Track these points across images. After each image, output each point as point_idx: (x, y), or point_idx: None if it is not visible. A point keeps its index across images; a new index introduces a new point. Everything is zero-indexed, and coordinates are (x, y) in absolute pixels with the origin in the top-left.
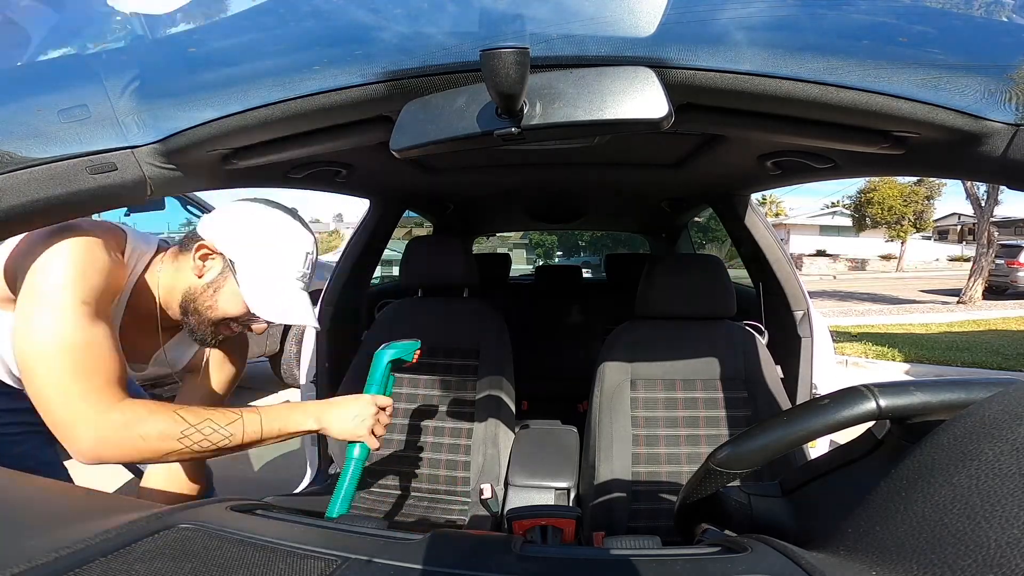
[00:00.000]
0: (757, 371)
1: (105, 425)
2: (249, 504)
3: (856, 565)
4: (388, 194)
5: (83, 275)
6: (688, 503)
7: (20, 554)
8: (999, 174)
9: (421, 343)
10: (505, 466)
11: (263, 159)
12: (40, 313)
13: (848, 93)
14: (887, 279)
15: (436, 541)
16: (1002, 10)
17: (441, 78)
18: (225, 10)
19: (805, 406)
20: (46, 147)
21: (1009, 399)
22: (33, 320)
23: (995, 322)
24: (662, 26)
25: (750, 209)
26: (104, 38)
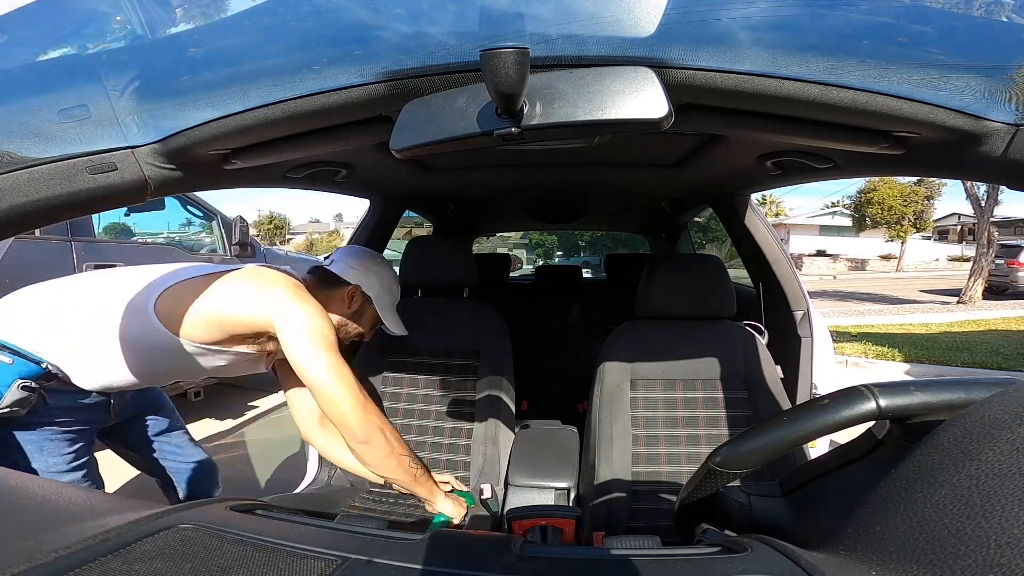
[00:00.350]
0: (757, 371)
1: (385, 424)
2: (249, 504)
3: (856, 565)
4: (388, 194)
5: (329, 328)
6: (688, 503)
7: (20, 554)
8: (999, 174)
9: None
10: (505, 466)
11: (263, 159)
12: (323, 356)
13: (848, 93)
14: (887, 279)
15: (436, 541)
16: (1002, 10)
17: (441, 78)
18: (225, 10)
19: (805, 406)
20: (46, 147)
21: (1009, 399)
22: (320, 360)
23: (995, 322)
24: (662, 26)
25: (750, 209)
26: (104, 38)
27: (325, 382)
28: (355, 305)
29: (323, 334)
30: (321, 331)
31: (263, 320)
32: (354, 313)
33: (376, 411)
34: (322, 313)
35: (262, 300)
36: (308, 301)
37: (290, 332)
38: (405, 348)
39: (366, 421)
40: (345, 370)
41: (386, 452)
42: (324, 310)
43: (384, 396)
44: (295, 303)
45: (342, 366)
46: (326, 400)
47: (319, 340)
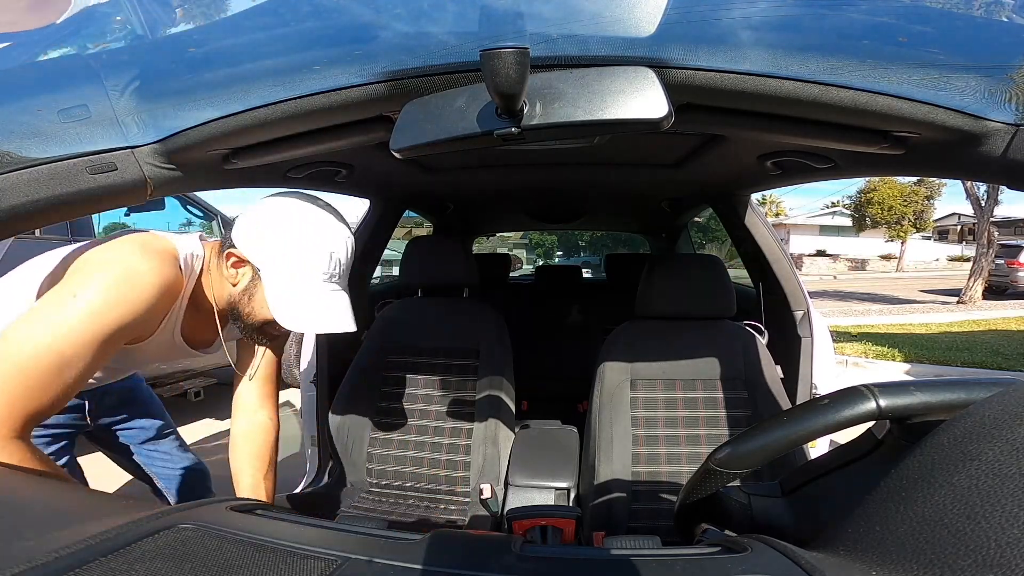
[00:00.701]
0: (757, 371)
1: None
2: (249, 504)
3: (856, 565)
4: (388, 194)
5: (111, 305)
6: (688, 503)
7: (20, 554)
8: (999, 174)
9: None
10: (505, 466)
11: (263, 159)
12: (37, 318)
13: (848, 93)
14: (887, 279)
15: (436, 541)
16: (1002, 10)
17: (441, 78)
18: (225, 10)
19: (805, 406)
20: (46, 147)
21: (1009, 399)
22: (27, 319)
23: (995, 322)
24: (662, 26)
25: (750, 209)
26: (104, 38)
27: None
28: (242, 279)
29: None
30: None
31: None
32: (242, 293)
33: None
34: (125, 287)
35: (79, 258)
36: (120, 265)
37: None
38: (405, 348)
39: None
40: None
41: None
42: (139, 294)
43: (384, 396)
44: (97, 263)
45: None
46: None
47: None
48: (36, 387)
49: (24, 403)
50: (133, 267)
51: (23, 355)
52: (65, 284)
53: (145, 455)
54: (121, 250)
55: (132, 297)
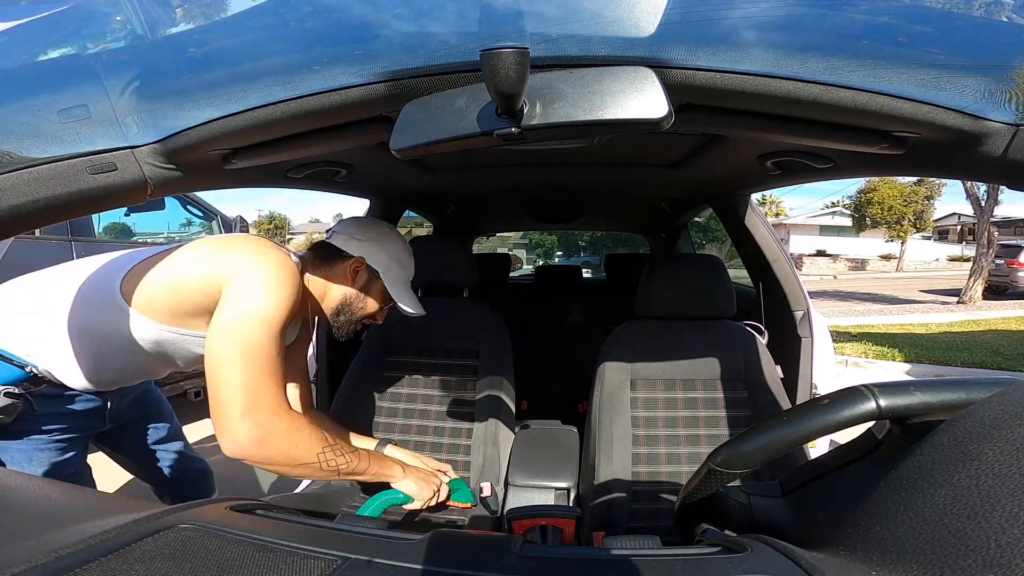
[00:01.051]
0: (757, 371)
1: (275, 427)
2: (249, 504)
3: (856, 565)
4: (388, 194)
5: (284, 298)
6: (688, 503)
7: (20, 554)
8: (999, 174)
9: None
10: (505, 466)
11: (263, 159)
12: (244, 324)
13: (848, 93)
14: (887, 279)
15: (436, 541)
16: (1002, 10)
17: (441, 78)
18: (225, 10)
19: (805, 406)
20: (46, 147)
21: (1009, 399)
22: (236, 327)
23: (995, 322)
24: (662, 26)
25: (750, 209)
26: (104, 38)
27: (227, 357)
28: (360, 280)
29: (269, 307)
30: (271, 293)
31: (215, 281)
32: (361, 288)
33: (273, 410)
34: (286, 282)
35: (218, 257)
36: (275, 262)
37: (232, 290)
38: (405, 348)
39: (242, 422)
40: (263, 354)
41: (273, 460)
42: (293, 281)
43: (384, 396)
44: (256, 263)
45: (272, 330)
46: (215, 381)
47: (258, 310)
48: (274, 371)
49: (277, 384)
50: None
51: (253, 353)
52: (237, 288)
53: (156, 456)
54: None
55: (293, 289)
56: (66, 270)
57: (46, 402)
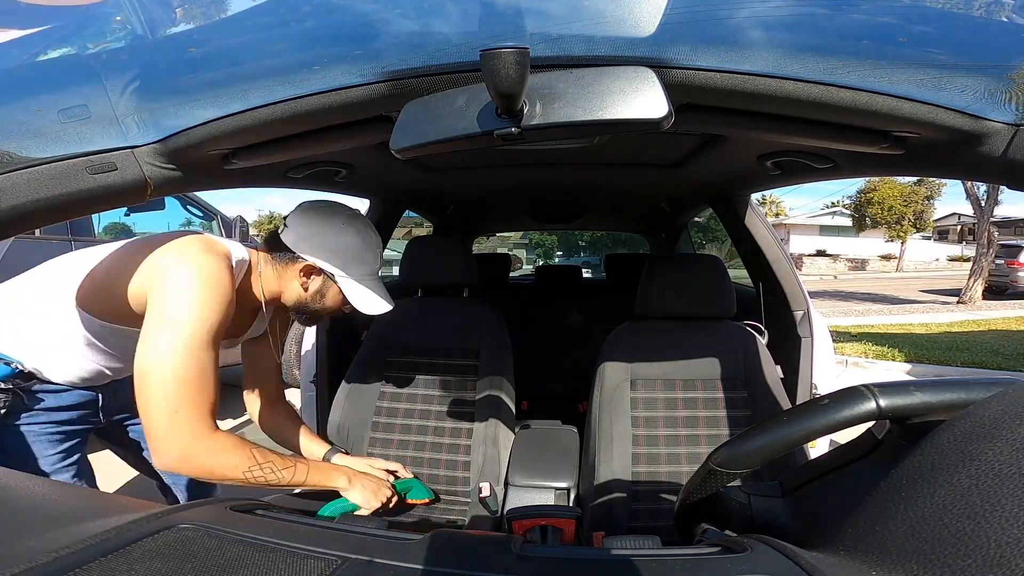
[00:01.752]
0: (757, 371)
1: (195, 448)
2: (249, 504)
3: (856, 565)
4: (388, 194)
5: (210, 308)
6: (688, 503)
7: (20, 554)
8: (999, 174)
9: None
10: (505, 466)
11: (263, 159)
12: (165, 338)
13: (848, 93)
14: (887, 279)
15: (436, 541)
16: (1002, 10)
17: (441, 78)
18: (225, 10)
19: (805, 406)
20: (46, 147)
21: (1009, 399)
22: (158, 341)
23: (995, 322)
24: (662, 26)
25: (750, 209)
26: (104, 38)
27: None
28: (314, 284)
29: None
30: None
31: (143, 285)
32: (314, 294)
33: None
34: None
35: (148, 262)
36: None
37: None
38: (405, 348)
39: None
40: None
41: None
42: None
43: (384, 396)
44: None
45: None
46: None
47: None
48: (199, 389)
49: (200, 404)
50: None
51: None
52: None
53: None
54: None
55: (221, 296)
56: (46, 270)
57: (37, 397)
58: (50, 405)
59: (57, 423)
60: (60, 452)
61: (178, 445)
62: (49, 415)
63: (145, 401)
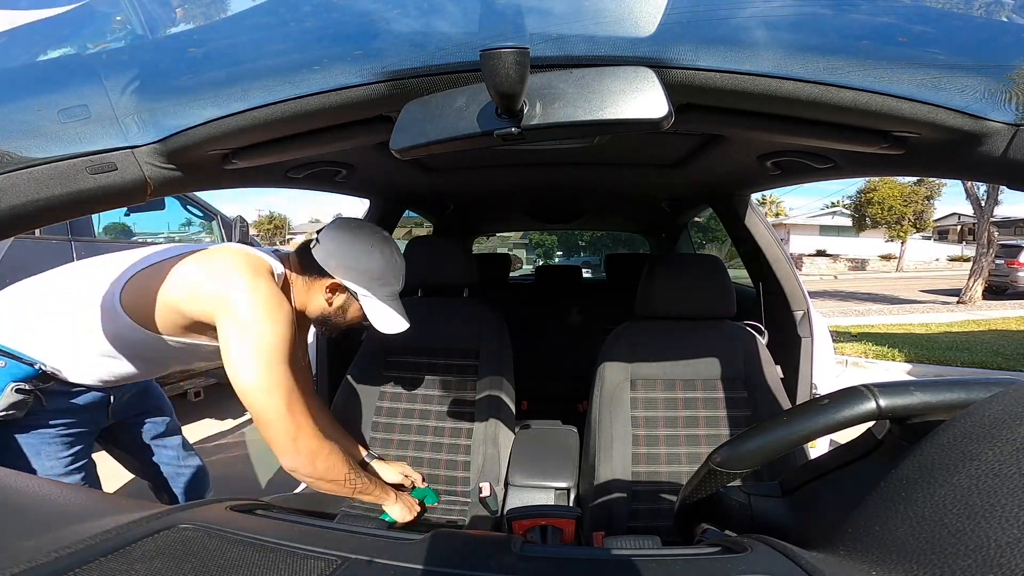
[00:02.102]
0: (757, 371)
1: (317, 446)
2: (249, 504)
3: (856, 565)
4: (388, 194)
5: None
6: (688, 503)
7: (20, 554)
8: (999, 174)
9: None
10: (505, 466)
11: (263, 159)
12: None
13: (848, 93)
14: (887, 279)
15: (436, 541)
16: (1002, 10)
17: (441, 78)
18: (225, 10)
19: (805, 406)
20: (46, 147)
21: (1009, 399)
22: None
23: (995, 322)
24: (662, 26)
25: (750, 209)
26: (104, 38)
27: (256, 396)
28: (338, 301)
29: (268, 339)
30: (266, 335)
31: (207, 311)
32: (337, 309)
33: (312, 432)
34: (277, 311)
35: (207, 287)
36: (262, 294)
37: (229, 328)
38: (405, 348)
39: (296, 444)
40: (283, 385)
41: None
42: (282, 308)
43: (384, 396)
44: (244, 295)
45: (281, 379)
46: (256, 415)
47: (260, 344)
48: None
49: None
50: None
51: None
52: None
53: (153, 452)
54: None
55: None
56: (71, 272)
57: (53, 398)
58: (64, 407)
59: (69, 424)
60: (71, 454)
61: (308, 446)
62: (64, 417)
63: (264, 417)
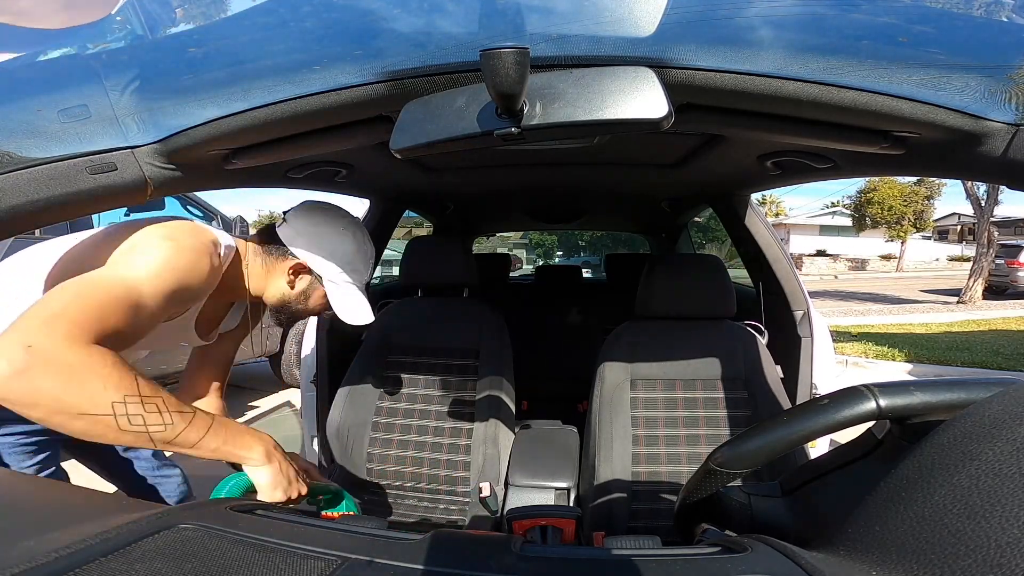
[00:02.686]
0: (757, 371)
1: (54, 354)
2: (249, 504)
3: (856, 565)
4: (388, 194)
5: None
6: (688, 503)
7: (20, 554)
8: (999, 174)
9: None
10: (505, 466)
11: (263, 159)
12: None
13: (848, 93)
14: (887, 279)
15: (436, 541)
16: (1002, 10)
17: (441, 78)
18: (225, 10)
19: (805, 406)
20: (46, 147)
21: (1009, 399)
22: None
23: (995, 322)
24: (662, 26)
25: (750, 209)
26: (104, 38)
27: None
28: (300, 284)
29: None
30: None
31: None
32: (299, 294)
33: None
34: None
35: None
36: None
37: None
38: (405, 348)
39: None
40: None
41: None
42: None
43: (384, 396)
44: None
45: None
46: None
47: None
48: (109, 307)
49: (98, 316)
50: (195, 243)
51: (100, 281)
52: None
53: (123, 462)
54: (181, 227)
55: (194, 265)
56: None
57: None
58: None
59: (26, 433)
60: (36, 463)
61: (33, 347)
62: (23, 423)
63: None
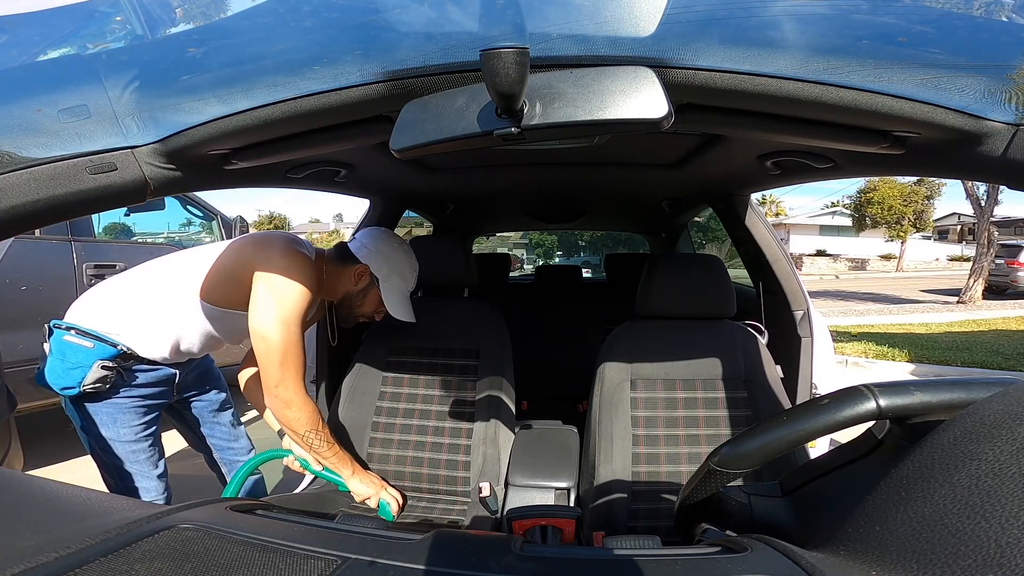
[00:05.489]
0: (757, 371)
1: (296, 399)
2: (249, 504)
3: (856, 565)
4: (388, 194)
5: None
6: (688, 503)
7: (20, 554)
8: (999, 174)
9: None
10: (505, 466)
11: (263, 159)
12: (273, 311)
13: (848, 93)
14: (887, 279)
15: (436, 541)
16: (1002, 10)
17: (441, 78)
18: (225, 10)
19: (805, 406)
20: (46, 147)
21: (1009, 399)
22: (269, 313)
23: (995, 322)
24: (662, 26)
25: (750, 209)
26: (104, 38)
27: (260, 341)
28: (361, 283)
29: (286, 298)
30: (286, 295)
31: (250, 271)
32: (360, 292)
33: (293, 385)
34: (300, 279)
35: (251, 252)
36: (292, 262)
37: (259, 282)
38: (405, 348)
39: (275, 389)
40: (285, 340)
41: (285, 421)
42: (305, 279)
43: (384, 396)
44: (278, 259)
45: (284, 334)
46: (257, 356)
47: (279, 300)
48: (292, 360)
49: (297, 368)
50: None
51: (282, 341)
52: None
53: (209, 427)
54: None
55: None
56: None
57: (131, 374)
58: (141, 381)
59: (143, 397)
60: (143, 423)
61: (284, 396)
62: (140, 390)
63: (262, 366)
